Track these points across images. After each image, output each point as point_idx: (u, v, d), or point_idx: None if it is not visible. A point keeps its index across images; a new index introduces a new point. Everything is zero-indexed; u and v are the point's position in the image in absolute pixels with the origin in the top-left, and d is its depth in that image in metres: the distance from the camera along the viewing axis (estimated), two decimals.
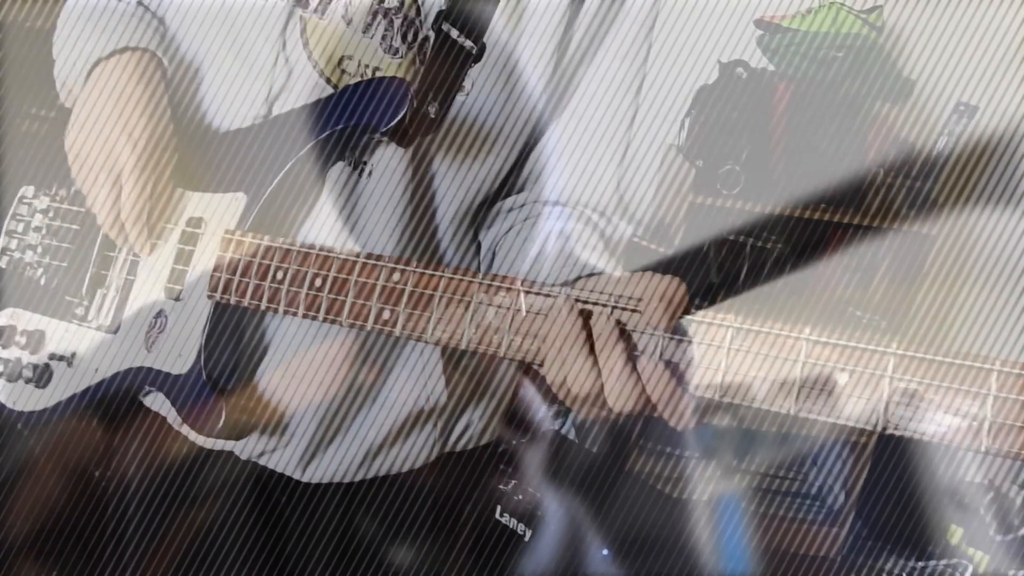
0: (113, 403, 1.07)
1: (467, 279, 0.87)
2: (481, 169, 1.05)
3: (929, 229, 2.22)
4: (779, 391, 0.75)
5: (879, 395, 0.72)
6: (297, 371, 1.03)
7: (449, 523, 1.14)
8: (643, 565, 1.96)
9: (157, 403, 1.08)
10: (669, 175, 2.27)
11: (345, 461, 1.08)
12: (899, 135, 2.27)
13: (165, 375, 1.01)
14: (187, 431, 1.05)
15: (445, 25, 0.98)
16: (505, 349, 0.85)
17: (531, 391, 1.88)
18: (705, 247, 2.28)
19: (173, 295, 1.02)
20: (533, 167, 1.08)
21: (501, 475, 1.96)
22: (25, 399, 1.10)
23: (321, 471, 1.08)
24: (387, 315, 0.90)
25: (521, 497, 1.95)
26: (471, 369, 1.10)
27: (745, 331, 0.77)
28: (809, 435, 2.40)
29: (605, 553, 1.95)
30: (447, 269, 0.89)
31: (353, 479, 1.09)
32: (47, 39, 1.12)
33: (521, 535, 1.91)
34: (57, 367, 1.09)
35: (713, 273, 2.26)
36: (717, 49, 2.20)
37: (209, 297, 0.99)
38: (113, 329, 1.06)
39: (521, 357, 0.85)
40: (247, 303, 0.97)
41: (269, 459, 1.07)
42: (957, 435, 0.70)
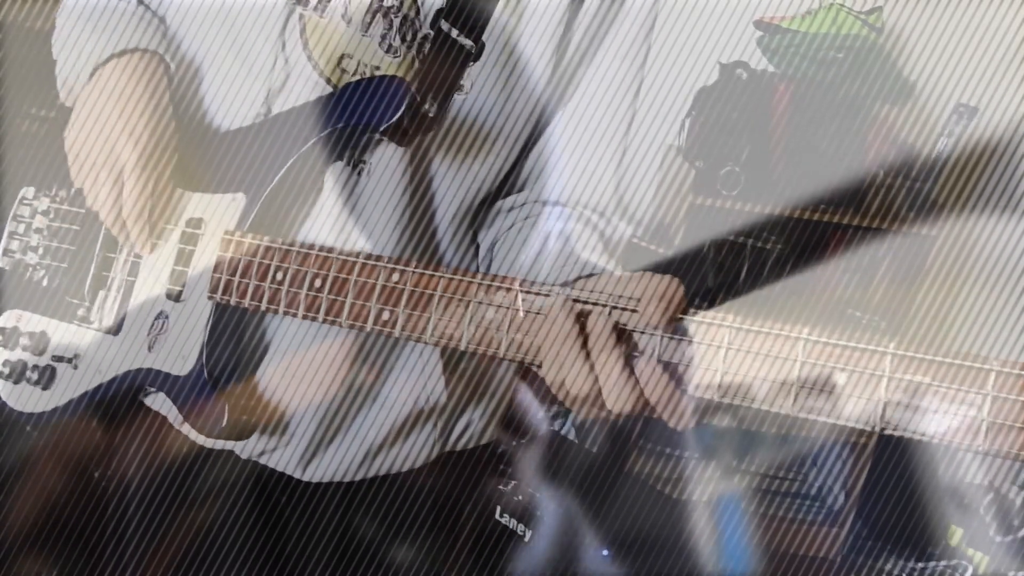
0: (115, 403, 1.07)
1: (466, 279, 0.87)
2: (480, 168, 1.05)
3: (929, 230, 2.22)
4: (777, 391, 0.75)
5: (877, 395, 0.72)
6: (298, 371, 1.03)
7: (449, 523, 1.14)
8: (643, 566, 1.96)
9: (158, 403, 1.08)
10: (669, 176, 2.27)
11: (345, 460, 1.08)
12: (899, 136, 2.27)
13: (167, 376, 1.01)
14: (188, 430, 1.05)
15: (444, 24, 0.98)
16: (504, 349, 0.85)
17: (531, 392, 1.88)
18: (705, 248, 2.28)
19: (174, 296, 1.02)
20: (532, 167, 1.08)
21: (501, 475, 1.96)
22: (26, 400, 1.10)
23: (321, 470, 1.08)
24: (386, 316, 0.90)
25: (521, 497, 1.95)
26: (471, 369, 1.10)
27: (743, 331, 0.77)
28: (809, 435, 2.40)
29: (605, 554, 1.95)
30: (446, 269, 0.89)
31: (353, 478, 1.09)
32: (47, 39, 1.12)
33: (521, 535, 1.91)
34: (60, 368, 1.09)
35: (711, 276, 2.26)
36: (717, 50, 2.20)
37: (209, 298, 1.00)
38: (115, 330, 1.06)
39: (520, 358, 0.85)
40: (247, 304, 0.97)
41: (269, 458, 1.08)
42: (955, 435, 0.70)
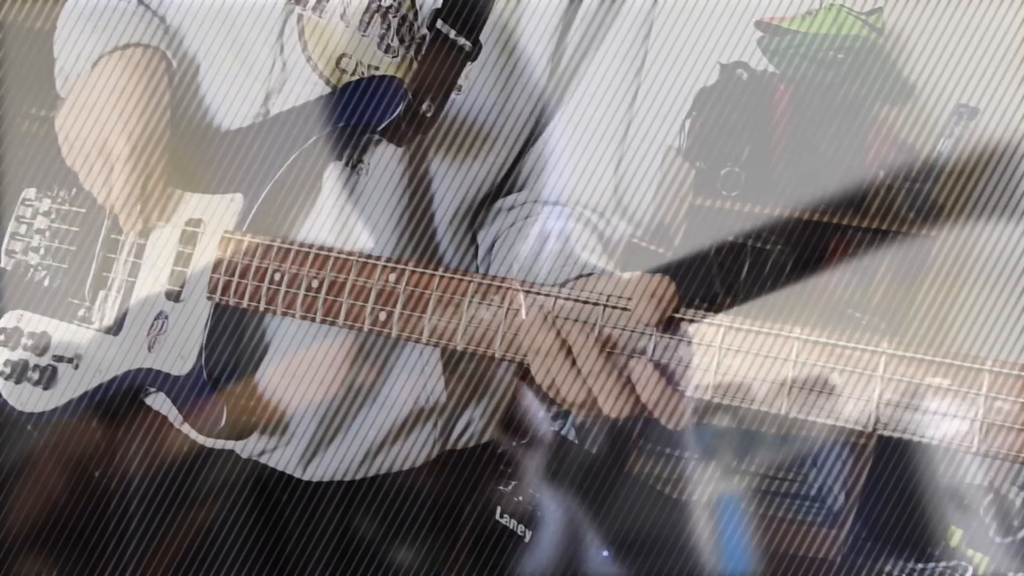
0: (115, 403, 1.07)
1: (464, 279, 0.87)
2: (479, 168, 1.05)
3: (929, 231, 2.21)
4: (771, 391, 0.75)
5: (870, 395, 0.72)
6: (298, 370, 1.04)
7: (449, 523, 1.14)
8: (643, 566, 1.95)
9: (158, 403, 1.08)
10: (669, 176, 2.27)
11: (345, 460, 1.08)
12: (899, 137, 2.27)
13: (167, 376, 1.01)
14: (188, 430, 1.05)
15: (441, 24, 0.98)
16: (500, 350, 0.85)
17: (531, 392, 1.88)
18: (705, 248, 2.28)
19: (173, 296, 1.03)
20: (532, 166, 1.08)
21: (501, 476, 1.95)
22: (27, 399, 1.11)
23: (322, 470, 1.08)
24: (383, 316, 0.90)
25: (521, 498, 1.95)
26: (471, 368, 1.10)
27: (736, 330, 0.77)
28: (809, 436, 2.40)
29: (605, 554, 1.95)
30: (443, 269, 0.89)
31: (353, 477, 1.09)
32: (47, 39, 1.12)
33: (521, 536, 1.91)
34: (61, 368, 1.09)
35: (718, 282, 2.25)
36: (717, 51, 2.21)
37: (208, 298, 1.00)
38: (115, 330, 1.07)
39: (518, 358, 0.85)
40: (246, 304, 0.97)
41: (270, 458, 1.08)
42: (949, 435, 0.69)
